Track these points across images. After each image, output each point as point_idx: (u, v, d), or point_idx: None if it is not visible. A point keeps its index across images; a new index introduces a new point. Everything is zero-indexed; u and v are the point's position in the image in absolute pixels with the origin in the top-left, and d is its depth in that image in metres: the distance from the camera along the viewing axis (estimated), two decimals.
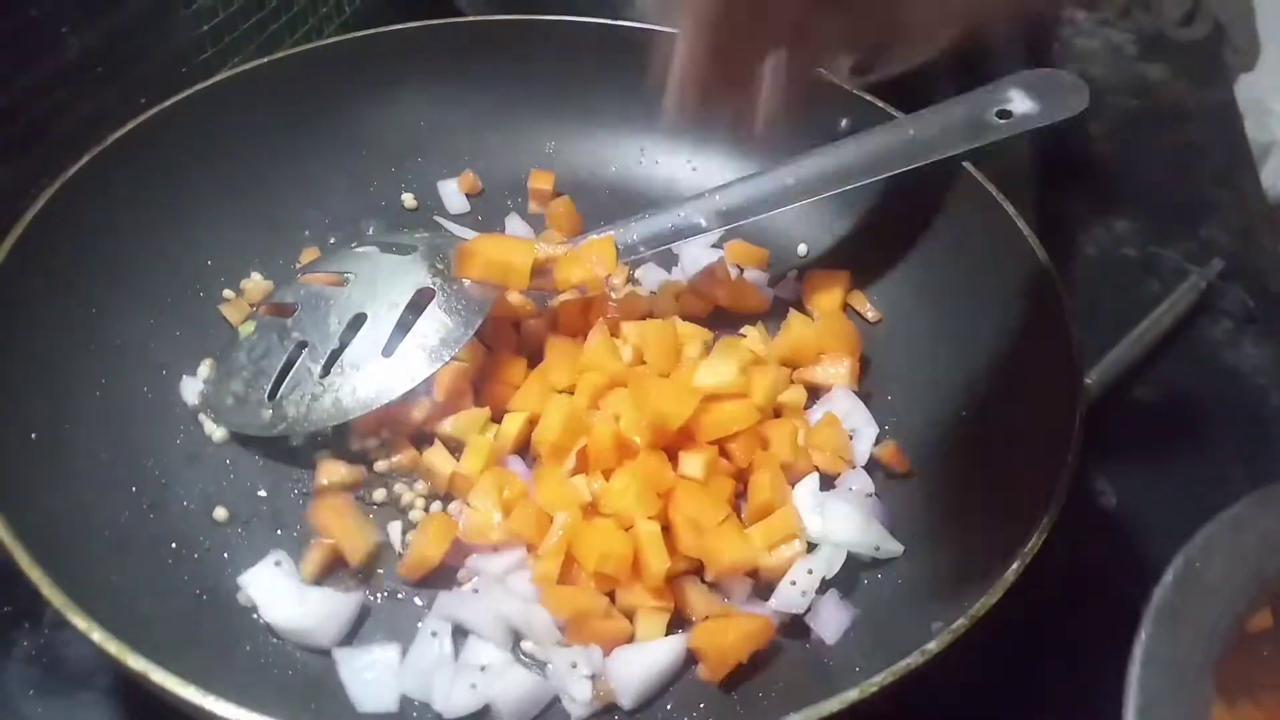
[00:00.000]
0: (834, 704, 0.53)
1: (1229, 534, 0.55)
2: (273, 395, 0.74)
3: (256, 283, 0.84)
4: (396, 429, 0.76)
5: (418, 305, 0.76)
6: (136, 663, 0.53)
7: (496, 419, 0.76)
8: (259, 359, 0.76)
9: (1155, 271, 1.05)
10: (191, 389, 0.78)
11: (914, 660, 0.55)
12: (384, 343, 0.74)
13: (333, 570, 0.70)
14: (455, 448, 0.75)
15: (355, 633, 0.67)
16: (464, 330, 0.75)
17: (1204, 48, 1.36)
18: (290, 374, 0.75)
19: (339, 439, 0.76)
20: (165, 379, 0.78)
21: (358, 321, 0.75)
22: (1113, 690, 0.74)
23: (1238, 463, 0.90)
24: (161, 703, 0.54)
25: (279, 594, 0.66)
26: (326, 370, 0.74)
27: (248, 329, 0.79)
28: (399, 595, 0.69)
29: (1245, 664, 0.52)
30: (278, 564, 0.68)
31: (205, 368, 0.79)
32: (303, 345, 0.75)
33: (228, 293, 0.84)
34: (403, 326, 0.75)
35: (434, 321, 0.75)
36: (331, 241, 0.89)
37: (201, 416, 0.76)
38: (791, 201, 0.80)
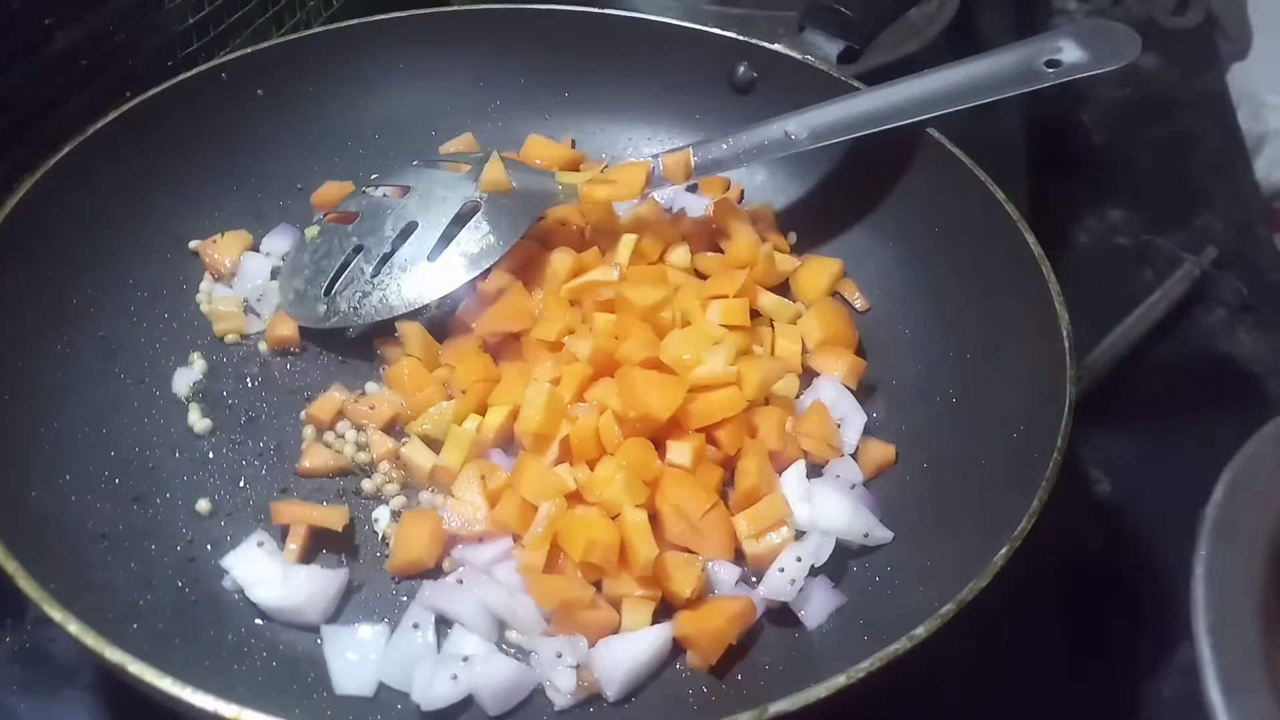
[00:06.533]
0: (821, 690, 0.52)
1: (1273, 447, 0.55)
2: (328, 291, 0.80)
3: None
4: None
5: (466, 217, 0.80)
6: (114, 655, 0.52)
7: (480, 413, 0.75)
8: (319, 259, 0.82)
9: (1149, 260, 1.05)
10: (183, 380, 0.77)
11: (901, 646, 0.54)
12: (430, 248, 0.79)
13: (315, 553, 0.70)
14: (434, 444, 0.74)
15: (343, 615, 0.67)
16: (504, 243, 0.80)
17: (1196, 36, 1.36)
18: (345, 273, 0.80)
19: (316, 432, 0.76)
20: (149, 371, 0.77)
21: (410, 229, 0.80)
22: (1107, 675, 0.74)
23: (1232, 450, 0.89)
24: (144, 698, 0.53)
25: (264, 573, 0.66)
26: (377, 271, 0.79)
27: (312, 233, 0.84)
28: (386, 585, 0.69)
29: None
30: (260, 544, 0.67)
31: (197, 359, 0.79)
32: (359, 249, 0.81)
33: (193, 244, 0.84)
34: (451, 236, 0.80)
35: (477, 232, 0.80)
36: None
37: (189, 408, 0.76)
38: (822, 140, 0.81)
